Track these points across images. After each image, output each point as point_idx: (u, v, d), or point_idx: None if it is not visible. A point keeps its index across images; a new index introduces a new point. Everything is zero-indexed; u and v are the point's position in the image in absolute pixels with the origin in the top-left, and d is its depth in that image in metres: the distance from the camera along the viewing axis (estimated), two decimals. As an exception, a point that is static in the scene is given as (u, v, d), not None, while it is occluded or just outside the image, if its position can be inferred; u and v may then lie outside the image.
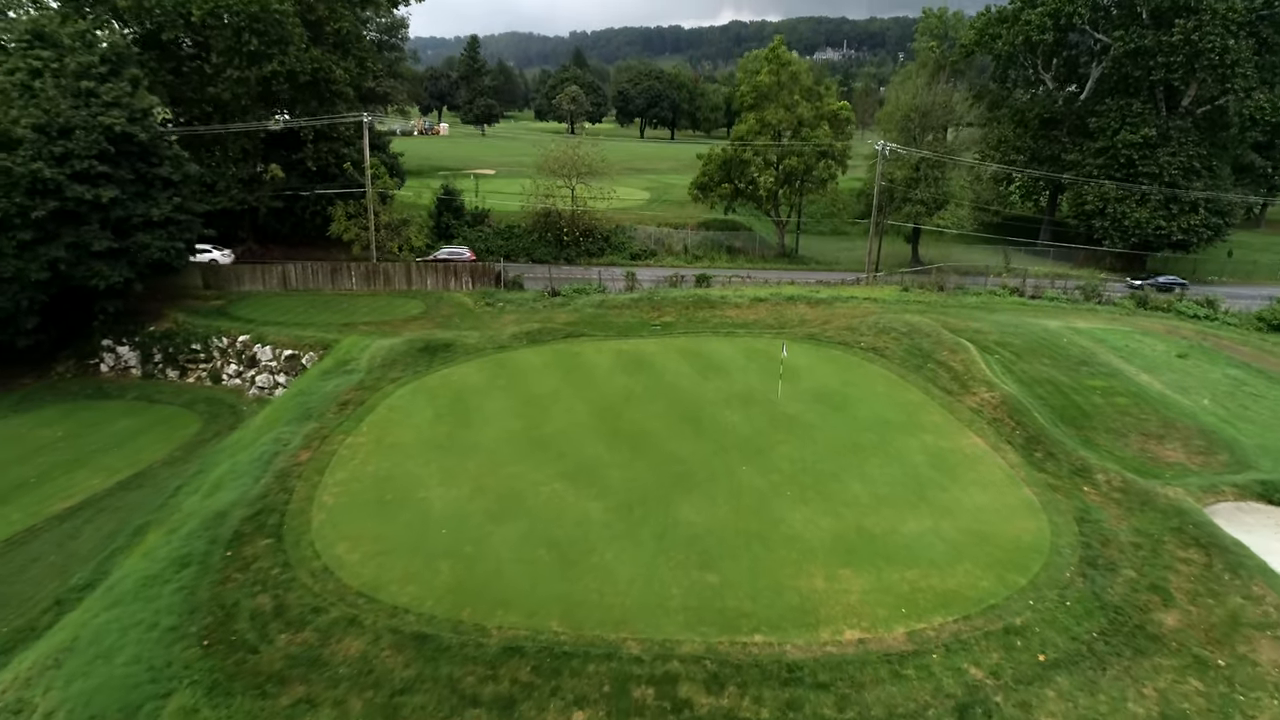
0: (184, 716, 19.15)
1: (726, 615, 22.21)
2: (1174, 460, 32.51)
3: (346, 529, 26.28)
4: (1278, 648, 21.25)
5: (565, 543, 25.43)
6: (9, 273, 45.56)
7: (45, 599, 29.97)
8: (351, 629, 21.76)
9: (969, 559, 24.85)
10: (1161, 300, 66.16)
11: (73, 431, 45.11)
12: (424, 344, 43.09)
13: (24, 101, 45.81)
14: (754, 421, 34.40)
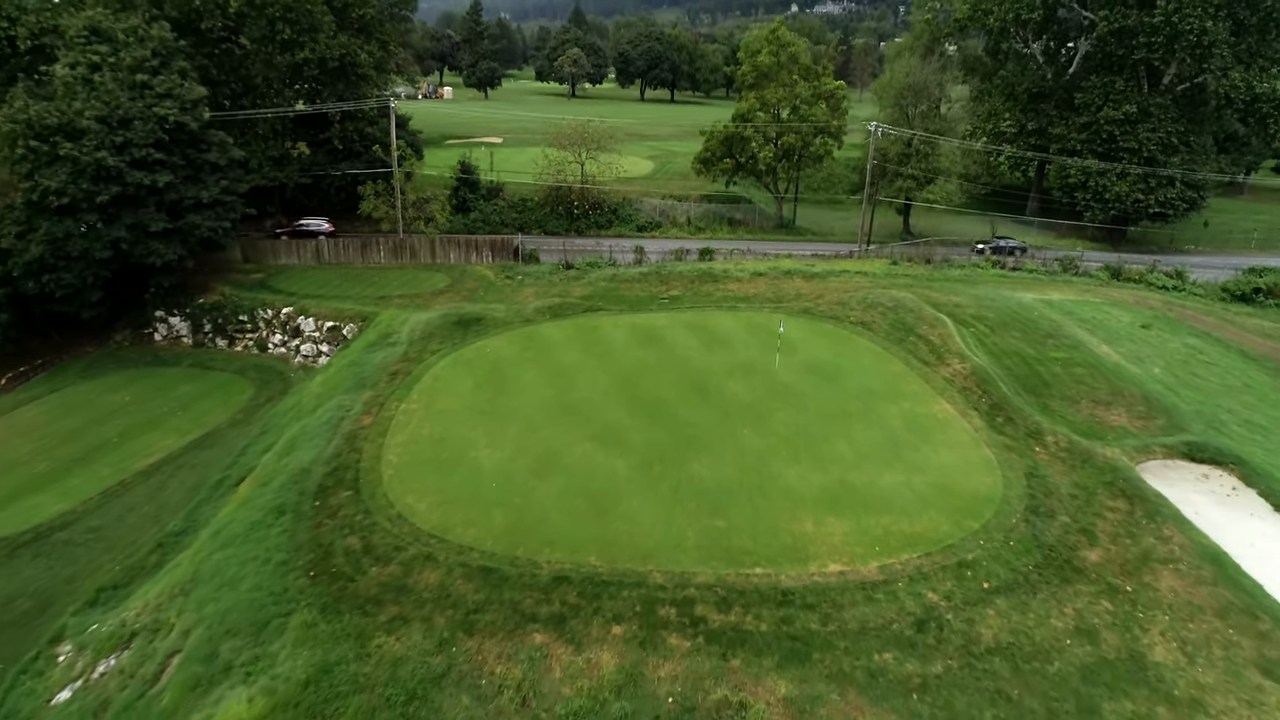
0: (305, 629, 24.17)
1: (732, 552, 27.19)
2: (1118, 424, 37.39)
3: (412, 483, 31.18)
4: (1176, 577, 26.30)
5: (597, 494, 30.34)
6: (77, 252, 50.02)
7: (148, 543, 34.97)
8: (428, 563, 26.74)
9: (933, 507, 29.80)
10: (1133, 271, 70.60)
11: (140, 396, 49.91)
12: (457, 318, 47.70)
13: (86, 94, 49.79)
14: (754, 390, 39.18)
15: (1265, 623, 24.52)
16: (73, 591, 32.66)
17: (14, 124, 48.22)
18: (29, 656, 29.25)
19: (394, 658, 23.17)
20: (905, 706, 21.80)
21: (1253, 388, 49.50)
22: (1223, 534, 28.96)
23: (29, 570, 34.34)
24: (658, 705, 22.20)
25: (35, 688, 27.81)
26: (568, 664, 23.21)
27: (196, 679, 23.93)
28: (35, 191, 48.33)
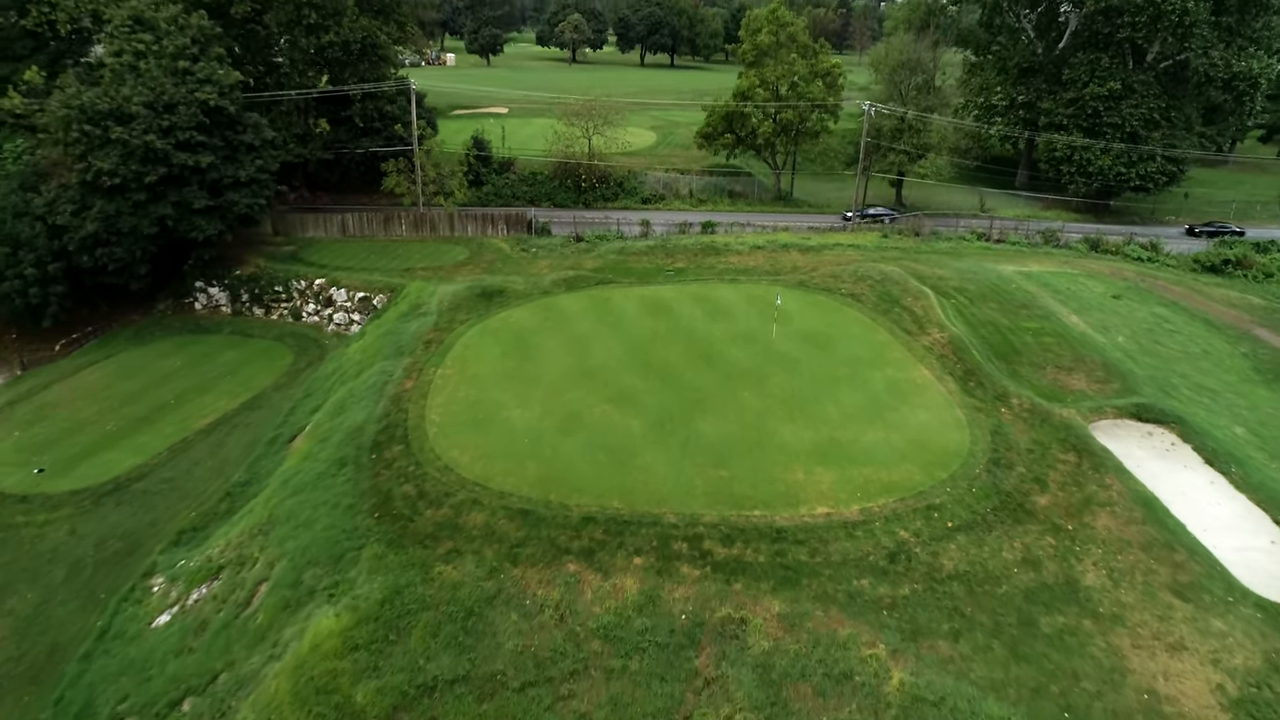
0: (376, 559, 28.71)
1: (734, 497, 31.66)
2: (1077, 388, 41.79)
3: (454, 439, 35.57)
4: (1111, 518, 30.86)
5: (616, 448, 34.75)
6: (127, 228, 53.93)
7: (216, 492, 39.50)
8: (475, 506, 31.21)
9: (908, 460, 34.25)
10: (1110, 243, 74.59)
11: (189, 362, 54.15)
12: (481, 290, 51.82)
13: (133, 81, 53.30)
14: (753, 357, 43.45)
15: (1181, 554, 29.12)
16: (156, 534, 37.22)
17: (68, 109, 51.87)
18: (126, 588, 33.90)
19: (452, 582, 27.73)
20: (877, 620, 26.41)
21: (1211, 354, 53.92)
22: (1157, 483, 33.52)
23: (114, 516, 38.88)
24: (672, 621, 26.81)
25: (136, 613, 32.48)
26: (597, 588, 27.79)
27: (286, 600, 28.52)
28: (89, 172, 52.14)
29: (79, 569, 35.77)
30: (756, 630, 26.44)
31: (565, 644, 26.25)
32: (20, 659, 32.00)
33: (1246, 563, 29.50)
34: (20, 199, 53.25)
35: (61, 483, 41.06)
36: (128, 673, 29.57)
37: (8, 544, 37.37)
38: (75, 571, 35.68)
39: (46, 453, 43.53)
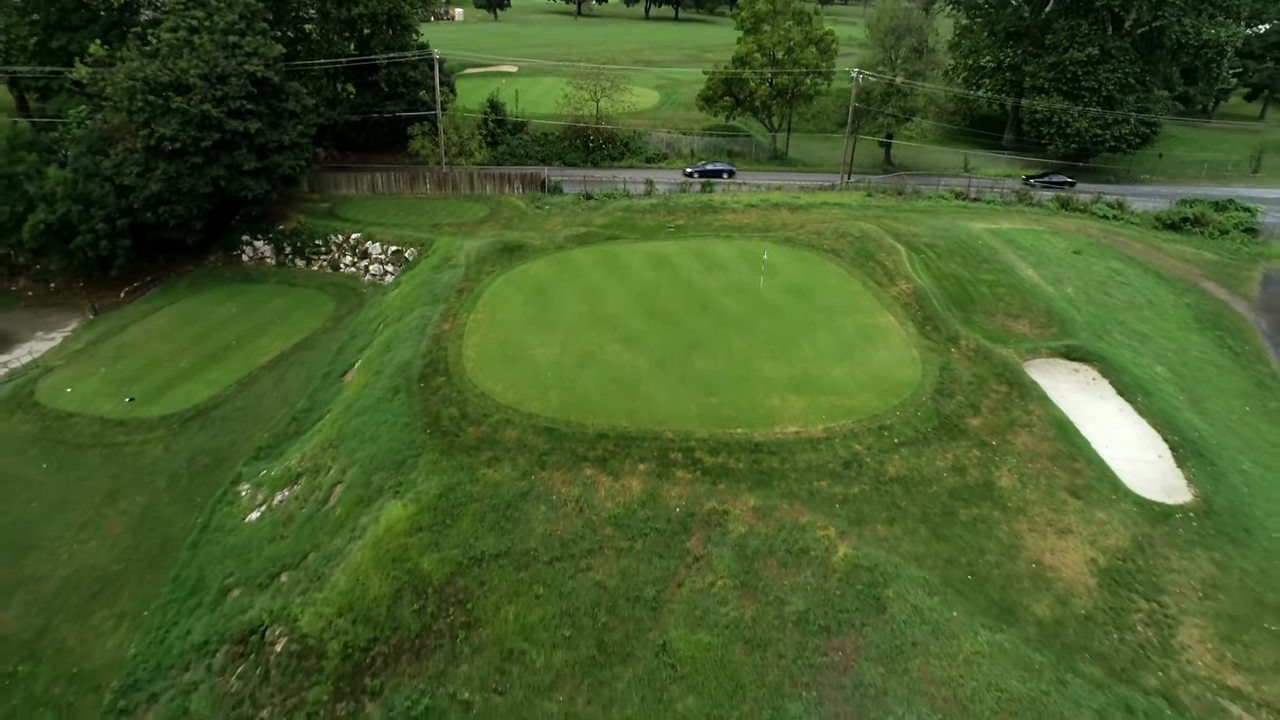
0: (431, 463, 35.54)
1: (721, 419, 38.33)
2: (1021, 332, 48.22)
3: (488, 372, 42.17)
4: (1029, 436, 37.54)
5: (625, 381, 41.34)
6: (186, 188, 60.06)
7: (284, 417, 46.31)
8: (508, 425, 37.92)
9: (868, 390, 40.84)
10: (1079, 202, 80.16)
11: (243, 308, 60.65)
12: (503, 245, 58.05)
13: (189, 55, 58.92)
14: (743, 305, 49.79)
15: (1080, 464, 35.88)
16: (237, 451, 44.13)
17: (133, 81, 57.59)
18: (219, 493, 40.92)
19: (494, 482, 34.59)
20: (830, 511, 33.27)
21: (1155, 304, 60.21)
22: (1073, 409, 40.15)
23: (200, 437, 45.79)
24: (669, 512, 33.70)
25: (231, 512, 39.52)
26: (609, 487, 34.64)
27: (360, 496, 35.45)
28: (152, 138, 58.05)
29: (177, 478, 42.79)
30: (735, 519, 33.34)
31: (584, 529, 33.21)
32: (138, 548, 39.11)
33: (1134, 471, 36.28)
34: (90, 161, 59.28)
35: (151, 410, 47.97)
36: (230, 556, 36.68)
37: (114, 459, 44.38)
38: (174, 480, 42.70)
39: (133, 385, 50.36)
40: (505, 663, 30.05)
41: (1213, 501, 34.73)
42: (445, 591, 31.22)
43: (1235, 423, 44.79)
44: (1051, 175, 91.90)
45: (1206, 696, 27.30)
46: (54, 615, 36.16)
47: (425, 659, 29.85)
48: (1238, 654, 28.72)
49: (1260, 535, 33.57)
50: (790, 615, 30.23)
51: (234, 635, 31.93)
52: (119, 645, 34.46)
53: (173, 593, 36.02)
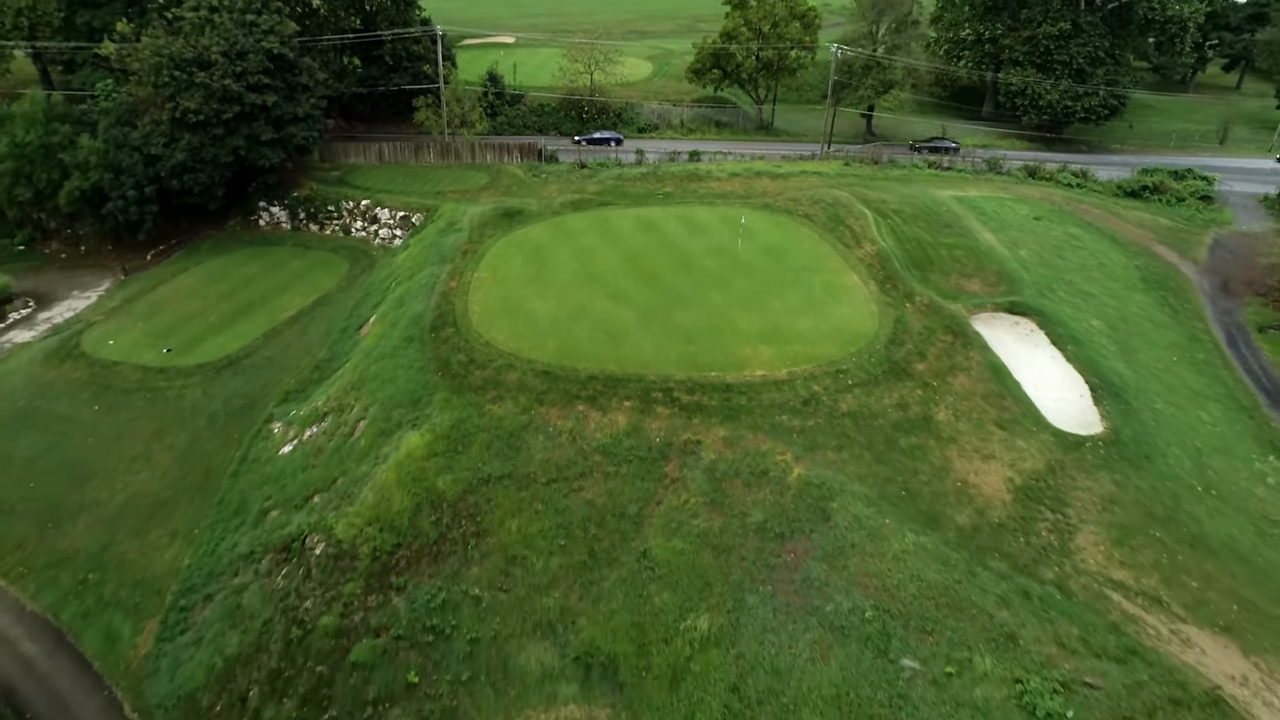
0: (444, 401, 40.59)
1: (698, 364, 43.33)
2: (972, 289, 53.17)
3: (492, 324, 47.07)
4: (966, 378, 42.64)
5: (614, 332, 46.27)
6: (209, 157, 64.51)
7: (308, 365, 51.26)
8: (510, 369, 42.92)
9: (829, 340, 45.84)
10: (1046, 170, 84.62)
11: (264, 269, 65.37)
12: (503, 210, 62.66)
13: (210, 33, 63.04)
14: (722, 266, 54.59)
15: (1009, 402, 41.06)
16: (267, 394, 49.15)
17: (159, 57, 61.81)
18: (254, 430, 46.03)
19: (498, 416, 39.70)
20: (789, 440, 38.45)
21: (1105, 266, 65.06)
22: (1010, 356, 45.22)
23: (234, 382, 50.82)
24: (650, 442, 38.85)
25: (266, 446, 44.65)
26: (598, 421, 39.76)
27: (381, 429, 40.55)
28: (178, 110, 62.39)
29: (215, 418, 47.87)
30: (707, 448, 38.52)
31: (576, 456, 38.40)
32: (184, 478, 44.28)
33: (1057, 408, 41.46)
34: (120, 132, 63.62)
35: (187, 359, 52.92)
36: (268, 483, 41.88)
37: (157, 402, 49.44)
38: (212, 420, 47.78)
39: (168, 338, 55.26)
40: (509, 566, 35.37)
41: (1121, 433, 39.98)
42: (458, 506, 36.46)
43: (1160, 370, 49.94)
44: (936, 140, 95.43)
45: (1093, 586, 32.69)
46: (115, 533, 41.43)
47: (441, 562, 35.16)
48: (1124, 555, 34.09)
49: (1158, 461, 38.88)
50: (751, 525, 35.53)
51: (276, 545, 37.22)
52: (174, 557, 39.75)
53: (218, 514, 41.27)
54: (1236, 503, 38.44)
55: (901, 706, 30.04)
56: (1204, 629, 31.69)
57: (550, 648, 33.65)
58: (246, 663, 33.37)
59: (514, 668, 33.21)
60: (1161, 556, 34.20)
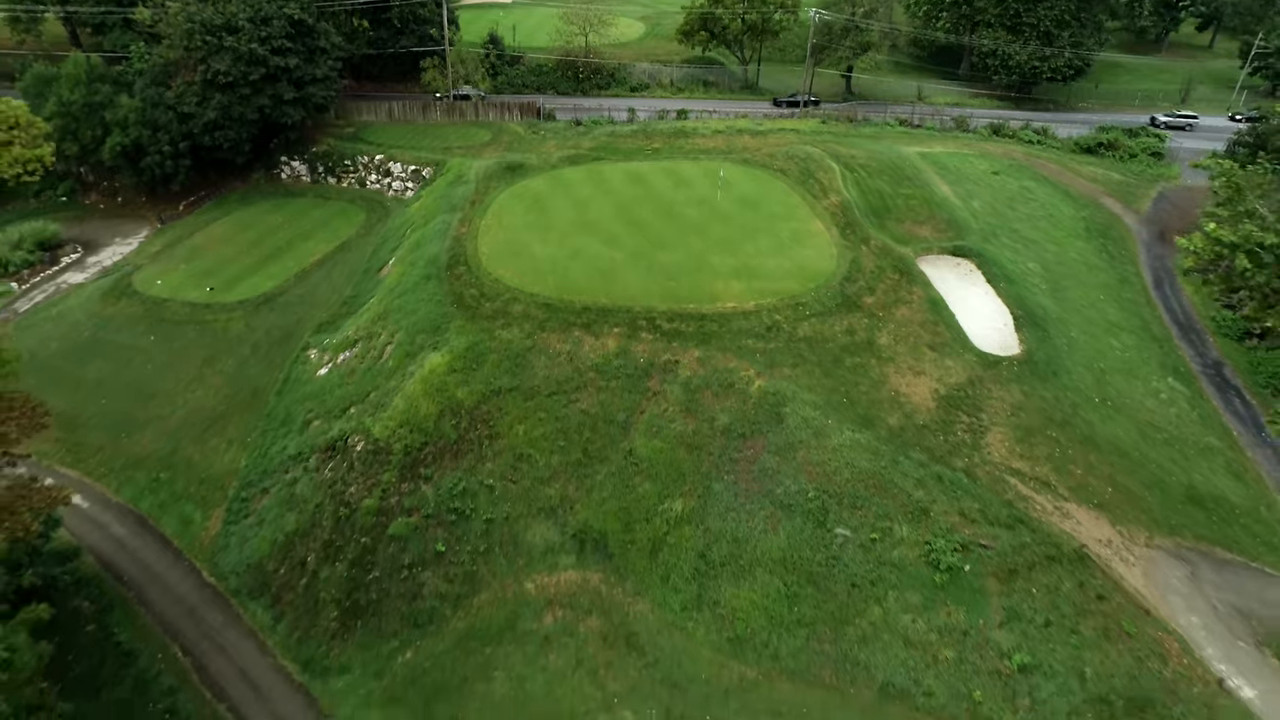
0: (460, 328, 47.23)
1: (679, 298, 49.93)
2: (922, 235, 59.63)
3: (499, 264, 53.52)
4: (908, 310, 49.37)
5: (605, 271, 52.76)
6: (237, 115, 70.24)
7: (336, 302, 57.72)
8: (516, 301, 49.50)
9: (792, 278, 52.41)
10: (1009, 128, 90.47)
11: (288, 218, 71.49)
12: (506, 165, 68.67)
13: (239, 1, 68.46)
14: (702, 214, 60.88)
15: (942, 329, 47.84)
16: (302, 326, 55.66)
17: (191, 23, 67.25)
18: (293, 356, 52.67)
19: (505, 340, 46.38)
20: (752, 359, 45.23)
21: (1053, 216, 71.40)
22: (948, 292, 51.86)
23: (271, 317, 57.35)
24: (635, 361, 45.60)
25: (304, 369, 51.34)
26: (591, 344, 46.48)
27: (406, 352, 47.22)
28: (209, 72, 67.96)
29: (258, 347, 54.52)
30: (684, 366, 45.32)
31: (573, 373, 45.19)
32: (235, 396, 51.05)
33: (983, 335, 48.26)
34: (155, 92, 69.25)
35: (228, 296, 59.40)
36: (308, 399, 48.67)
37: (205, 333, 56.03)
38: (255, 348, 54.43)
39: (209, 278, 61.61)
40: (517, 462, 42.37)
41: (1034, 355, 46.88)
42: (474, 413, 43.35)
43: (1084, 306, 56.63)
44: (795, 95, 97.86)
45: (995, 473, 39.80)
46: (179, 441, 48.36)
47: (461, 457, 42.14)
48: (1024, 449, 41.18)
49: (1063, 377, 45.84)
50: (718, 427, 42.50)
51: (321, 446, 44.14)
52: (232, 460, 46.72)
53: (268, 425, 48.14)
54: (1128, 412, 45.54)
55: (835, 565, 37.34)
56: (1082, 505, 38.91)
57: (552, 527, 40.85)
58: (303, 536, 40.51)
59: (522, 542, 40.44)
60: (1055, 451, 41.33)
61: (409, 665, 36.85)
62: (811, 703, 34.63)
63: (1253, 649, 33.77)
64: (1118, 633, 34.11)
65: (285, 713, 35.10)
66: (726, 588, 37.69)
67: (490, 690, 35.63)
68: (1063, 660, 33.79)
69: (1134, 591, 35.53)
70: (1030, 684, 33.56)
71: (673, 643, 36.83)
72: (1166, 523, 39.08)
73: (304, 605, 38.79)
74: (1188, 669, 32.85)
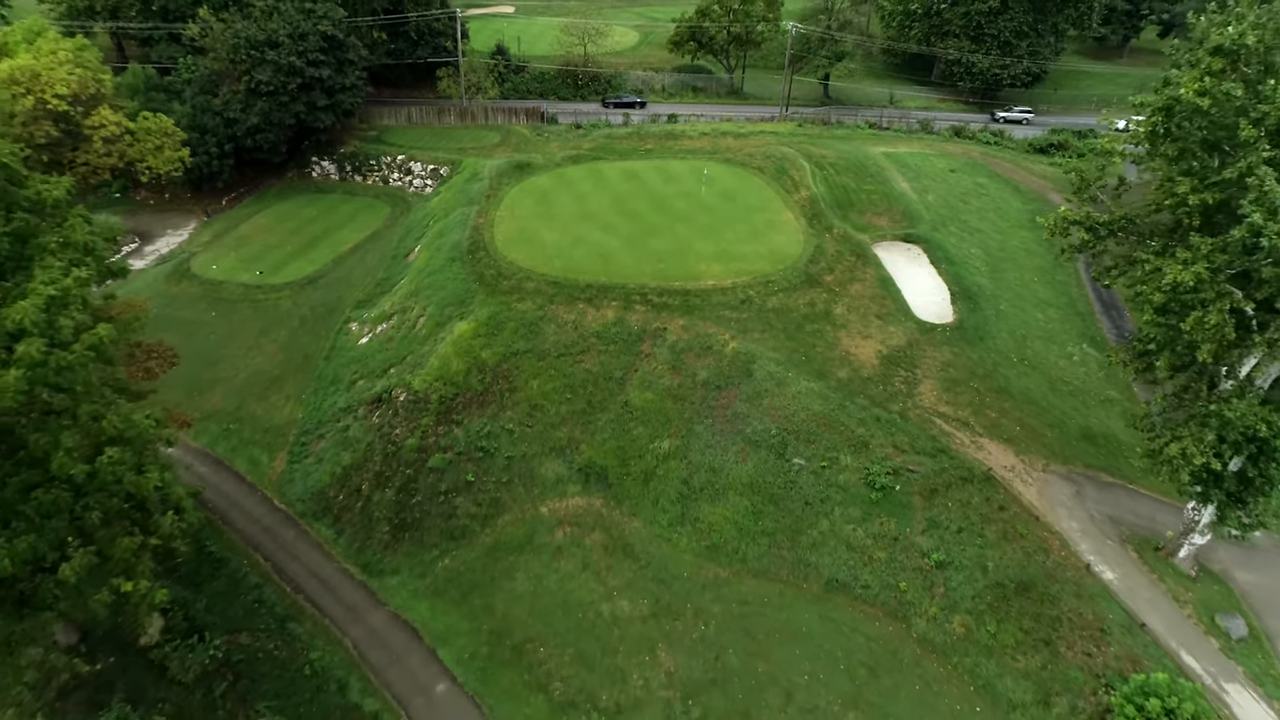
0: (482, 300, 55.49)
1: (667, 276, 58.18)
2: (879, 224, 67.97)
3: (513, 250, 61.74)
4: (861, 286, 57.76)
5: (604, 254, 61.00)
6: (276, 120, 78.36)
7: (371, 282, 65.86)
8: (528, 279, 57.72)
9: (764, 260, 60.68)
10: (969, 130, 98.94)
11: (321, 212, 79.65)
12: (515, 164, 76.85)
13: (278, 18, 76.53)
14: (689, 206, 69.08)
15: (889, 301, 56.25)
16: (342, 303, 63.77)
17: (236, 39, 75.34)
18: (337, 328, 60.88)
19: (521, 310, 54.64)
20: (728, 327, 53.55)
21: (1002, 209, 79.70)
22: (897, 272, 60.20)
23: (315, 295, 65.54)
24: (630, 329, 53.90)
25: (347, 339, 59.56)
26: (593, 314, 54.76)
27: (437, 321, 55.46)
28: (252, 82, 76.08)
29: (305, 320, 62.72)
30: (671, 332, 53.63)
31: (578, 338, 53.47)
32: (288, 361, 59.25)
33: (924, 306, 56.65)
34: (204, 100, 77.33)
35: (276, 279, 67.62)
36: (353, 363, 56.90)
37: (259, 309, 64.25)
38: (303, 322, 62.63)
39: (258, 263, 69.81)
40: (532, 410, 50.67)
41: (965, 322, 55.34)
42: (496, 370, 51.65)
43: (1018, 285, 64.97)
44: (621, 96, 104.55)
45: (924, 415, 48.23)
46: (244, 398, 56.60)
47: (486, 406, 50.44)
48: (949, 398, 49.62)
49: (988, 340, 54.29)
50: (699, 381, 50.86)
51: (368, 400, 52.44)
52: (290, 413, 54.97)
53: (319, 384, 56.37)
54: (1042, 369, 54.03)
55: (792, 488, 45.76)
56: (993, 440, 47.39)
57: (561, 462, 49.15)
58: (358, 469, 48.84)
59: (537, 474, 48.75)
60: (975, 399, 49.79)
61: (447, 569, 45.20)
62: (771, 595, 43.02)
63: (1117, 545, 42.24)
64: (1013, 535, 42.54)
65: (351, 601, 43.45)
66: (705, 507, 46.08)
67: (514, 586, 43.97)
68: (970, 557, 42.22)
69: (1029, 504, 43.97)
70: (944, 576, 41.98)
71: (661, 550, 45.19)
72: (1062, 454, 47.54)
73: (360, 523, 47.14)
74: (1064, 559, 41.31)
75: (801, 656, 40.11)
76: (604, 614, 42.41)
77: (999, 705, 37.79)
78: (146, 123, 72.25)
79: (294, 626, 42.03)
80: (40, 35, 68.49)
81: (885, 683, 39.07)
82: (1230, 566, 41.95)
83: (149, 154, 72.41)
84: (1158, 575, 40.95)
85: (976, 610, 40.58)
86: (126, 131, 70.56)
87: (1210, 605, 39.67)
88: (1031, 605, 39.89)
